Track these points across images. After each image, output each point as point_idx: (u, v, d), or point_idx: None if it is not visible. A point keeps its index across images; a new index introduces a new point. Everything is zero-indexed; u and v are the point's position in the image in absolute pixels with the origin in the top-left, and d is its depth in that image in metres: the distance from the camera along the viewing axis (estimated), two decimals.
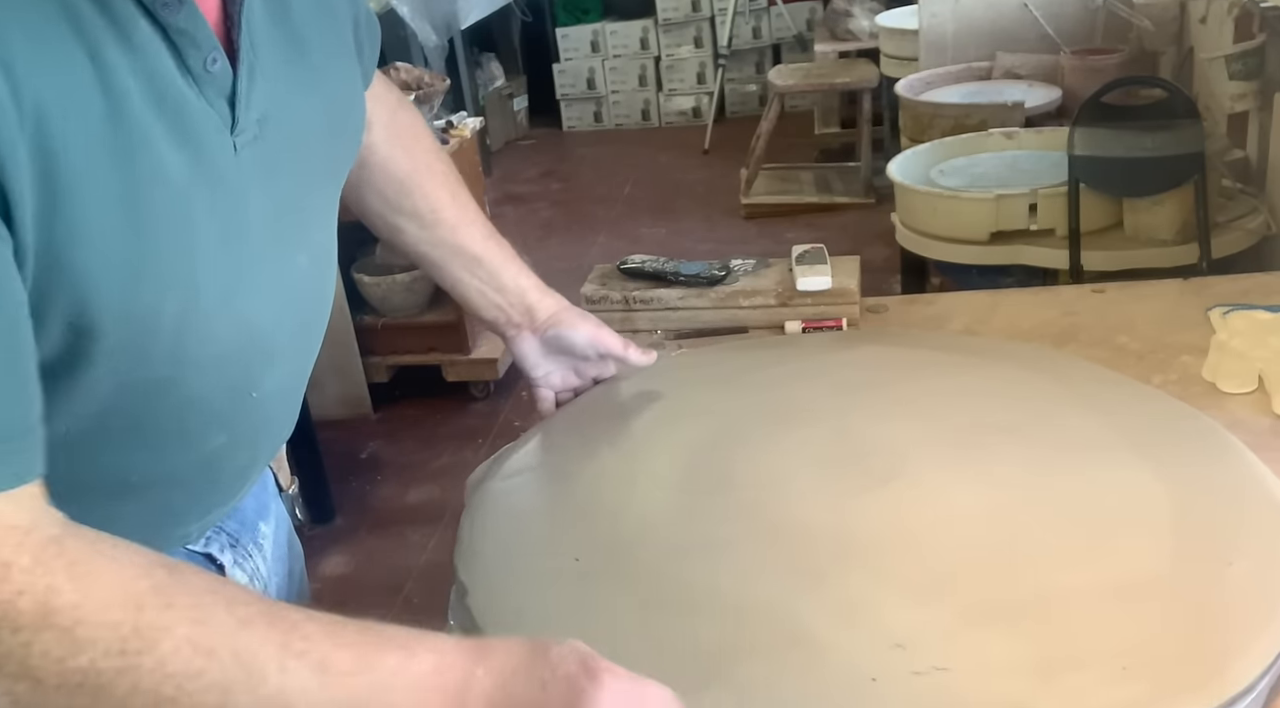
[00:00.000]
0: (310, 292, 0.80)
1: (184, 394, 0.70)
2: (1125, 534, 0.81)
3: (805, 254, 1.31)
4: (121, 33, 0.61)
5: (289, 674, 0.57)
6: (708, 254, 3.01)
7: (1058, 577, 0.76)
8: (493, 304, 1.03)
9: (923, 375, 1.06)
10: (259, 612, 0.58)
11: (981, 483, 0.88)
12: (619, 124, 5.74)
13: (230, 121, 0.68)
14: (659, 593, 0.78)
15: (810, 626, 0.73)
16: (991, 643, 0.71)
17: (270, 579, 0.91)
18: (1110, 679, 0.68)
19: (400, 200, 0.99)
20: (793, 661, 0.71)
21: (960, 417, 0.97)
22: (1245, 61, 2.42)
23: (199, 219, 0.65)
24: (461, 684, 0.60)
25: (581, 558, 0.82)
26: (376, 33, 0.92)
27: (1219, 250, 2.25)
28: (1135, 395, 1.00)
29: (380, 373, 3.11)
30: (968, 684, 0.68)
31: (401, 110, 1.01)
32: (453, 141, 2.98)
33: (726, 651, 0.72)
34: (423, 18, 3.94)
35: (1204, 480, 0.86)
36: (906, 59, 3.69)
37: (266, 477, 0.94)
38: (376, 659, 0.59)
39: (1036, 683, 0.68)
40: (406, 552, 2.51)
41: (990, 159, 2.64)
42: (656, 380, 1.08)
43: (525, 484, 0.97)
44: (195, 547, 0.83)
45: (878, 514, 0.84)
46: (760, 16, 5.48)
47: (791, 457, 0.92)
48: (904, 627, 0.72)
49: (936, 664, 0.69)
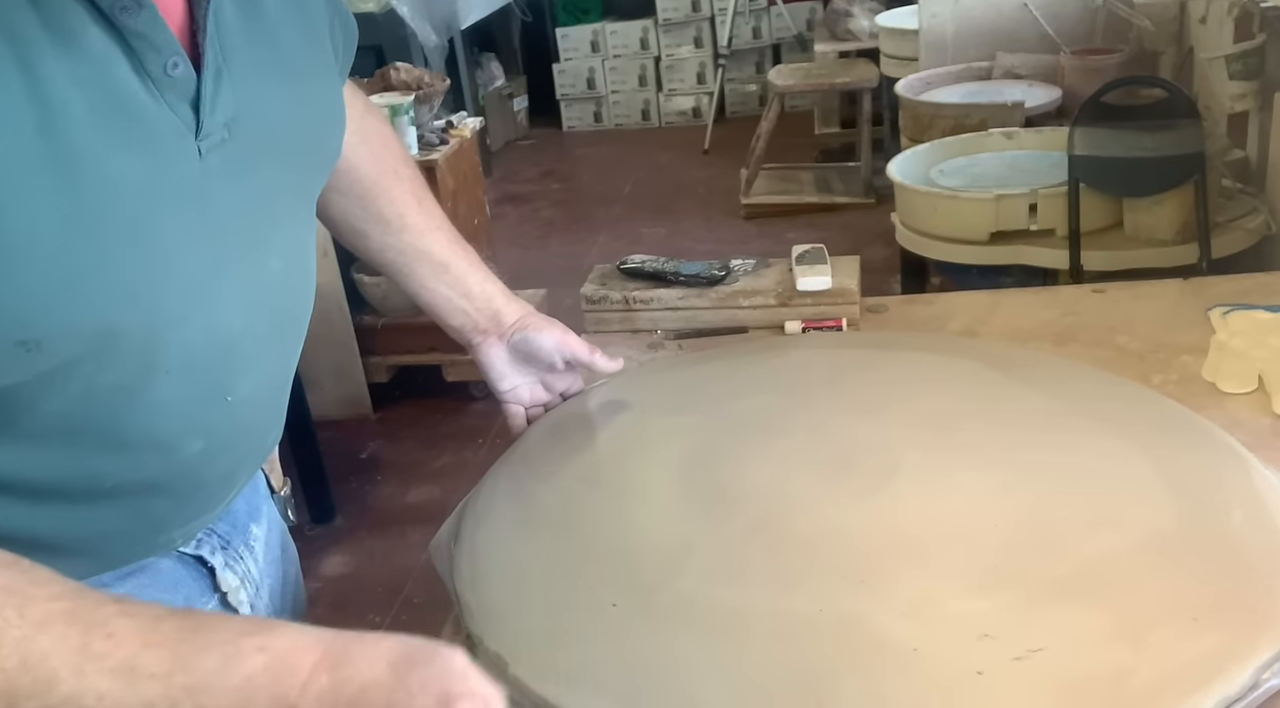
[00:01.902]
0: (285, 294, 0.79)
1: (153, 401, 0.69)
2: (1125, 499, 0.83)
3: (805, 254, 1.31)
4: (64, 40, 0.59)
5: (86, 678, 0.54)
6: (708, 254, 3.01)
7: (1086, 546, 0.78)
8: (459, 310, 1.02)
9: (869, 371, 1.07)
10: (61, 610, 0.56)
11: (977, 467, 0.88)
12: (619, 124, 5.74)
13: (194, 125, 0.66)
14: (714, 624, 0.74)
15: (886, 630, 0.72)
16: (1067, 617, 0.72)
17: (263, 581, 0.90)
18: (1188, 633, 0.69)
19: (365, 205, 0.98)
20: (888, 668, 0.69)
21: (925, 406, 0.98)
22: (1245, 61, 2.42)
23: (158, 226, 0.64)
24: (296, 689, 0.55)
25: (617, 602, 0.77)
26: (353, 35, 0.92)
27: (1219, 250, 2.25)
28: (1073, 374, 1.05)
29: (380, 373, 3.11)
30: (1068, 660, 0.68)
31: (369, 115, 1.00)
32: (453, 141, 2.98)
33: (818, 671, 0.69)
34: (423, 18, 3.94)
35: (1168, 443, 0.91)
36: (906, 59, 3.69)
37: (258, 479, 0.93)
38: (194, 660, 0.55)
39: (1128, 647, 0.69)
40: (406, 552, 2.51)
41: (990, 159, 2.64)
42: (623, 394, 1.06)
43: (516, 534, 0.89)
44: (186, 550, 0.82)
45: (893, 511, 0.84)
46: (760, 16, 5.48)
47: (780, 465, 0.90)
48: (977, 617, 0.72)
49: (1030, 647, 0.69)
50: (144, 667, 0.55)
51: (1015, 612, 0.72)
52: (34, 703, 0.54)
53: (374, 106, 1.04)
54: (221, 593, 0.84)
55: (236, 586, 0.85)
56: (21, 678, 0.54)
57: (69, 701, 0.54)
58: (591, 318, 1.32)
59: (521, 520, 0.90)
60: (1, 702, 0.53)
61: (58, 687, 0.54)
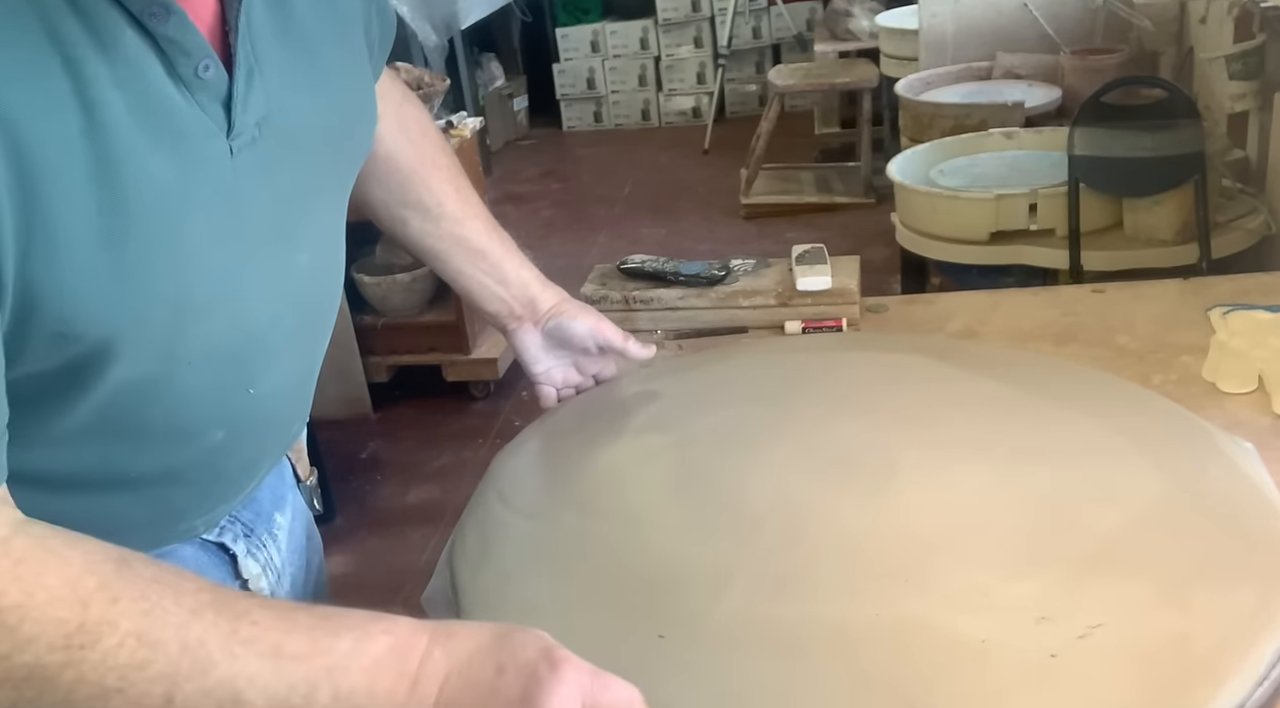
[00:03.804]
0: (312, 290, 0.80)
1: (178, 391, 0.70)
2: (1116, 476, 0.85)
3: (805, 254, 1.31)
4: (105, 44, 0.60)
5: (238, 661, 0.58)
6: (708, 254, 3.01)
7: (1101, 524, 0.79)
8: (495, 296, 1.04)
9: (838, 372, 1.07)
10: (209, 601, 0.59)
11: (969, 457, 0.89)
12: (619, 124, 5.74)
13: (226, 126, 0.67)
14: (777, 642, 0.72)
15: (949, 626, 0.71)
16: (1112, 591, 0.73)
17: (285, 570, 0.91)
18: (1227, 589, 0.72)
19: (405, 193, 1.00)
20: (966, 663, 0.69)
21: (899, 403, 0.99)
22: (1245, 61, 2.42)
23: (190, 224, 0.65)
24: (417, 665, 0.60)
25: (665, 634, 0.74)
26: (390, 27, 0.93)
27: (1219, 250, 2.25)
28: (1037, 364, 1.08)
29: (380, 373, 3.11)
30: (1130, 631, 0.69)
31: (407, 104, 1.01)
32: (453, 141, 2.98)
33: (900, 676, 0.68)
34: (423, 18, 3.94)
35: (1129, 415, 0.95)
36: (906, 59, 3.69)
37: (284, 468, 0.94)
38: (329, 643, 0.59)
39: (1180, 611, 0.70)
40: (406, 552, 2.51)
41: (990, 159, 2.63)
42: (654, 383, 1.07)
43: (523, 573, 0.83)
44: (209, 537, 0.83)
45: (907, 507, 0.84)
46: (760, 16, 5.48)
47: (780, 475, 0.89)
48: (1029, 601, 0.72)
49: (1089, 624, 0.69)
50: (287, 650, 0.59)
51: (1061, 591, 0.73)
52: (192, 685, 0.57)
53: (411, 94, 1.05)
54: (243, 580, 0.85)
55: (258, 573, 0.86)
56: (182, 661, 0.57)
57: (223, 683, 0.57)
58: None
59: (523, 558, 0.85)
60: (164, 683, 0.57)
61: (213, 669, 0.57)
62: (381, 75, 0.94)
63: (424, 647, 0.61)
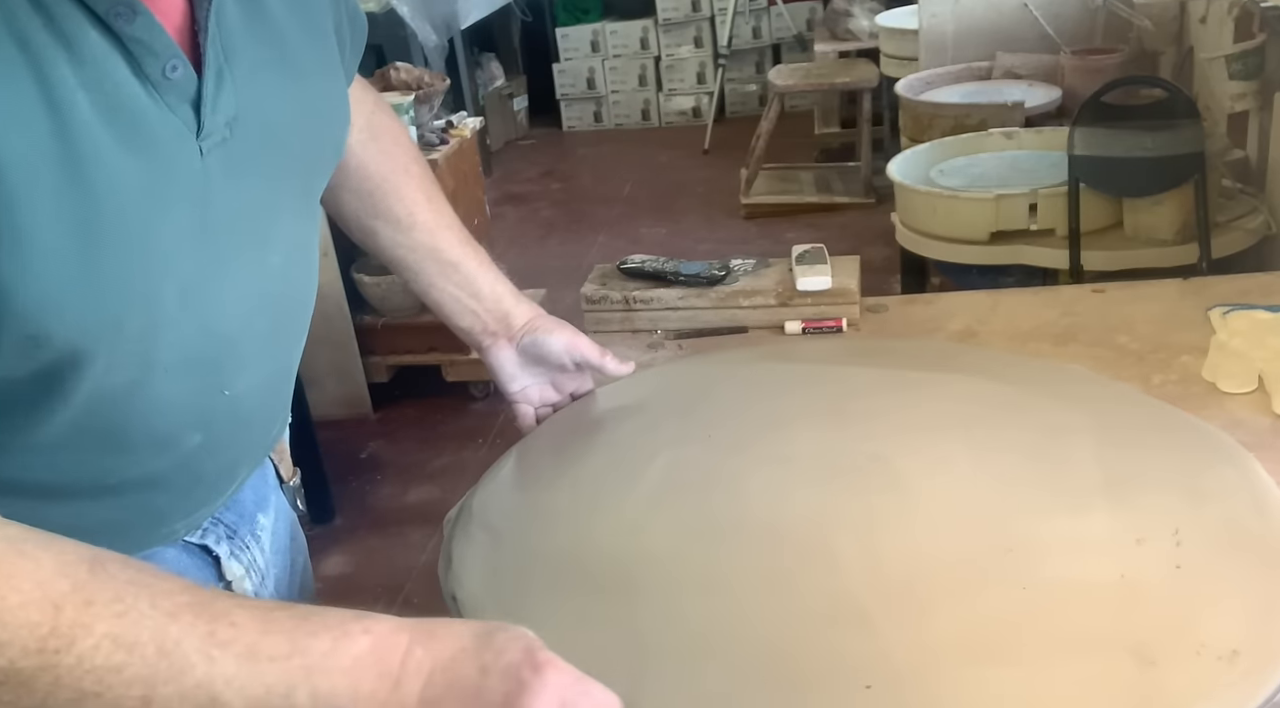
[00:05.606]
0: (285, 290, 0.79)
1: (153, 396, 0.70)
2: (1111, 463, 0.86)
3: (805, 254, 1.31)
4: (70, 45, 0.60)
5: (215, 663, 0.57)
6: (708, 254, 3.01)
7: (1110, 511, 0.81)
8: (468, 310, 1.02)
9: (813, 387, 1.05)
10: (186, 603, 0.59)
11: (967, 455, 0.89)
12: (619, 124, 5.74)
13: (196, 126, 0.67)
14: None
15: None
16: (1154, 564, 0.75)
17: (269, 571, 0.90)
18: (1249, 598, 0.72)
19: (375, 202, 0.98)
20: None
21: (877, 411, 0.98)
22: (1245, 61, 2.42)
23: (158, 226, 0.65)
24: (398, 664, 0.60)
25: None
26: (362, 32, 0.91)
27: (1219, 250, 2.25)
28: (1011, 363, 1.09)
29: (380, 373, 3.11)
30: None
31: (379, 112, 1.00)
32: (453, 141, 2.98)
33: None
34: (423, 18, 3.94)
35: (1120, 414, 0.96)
36: (906, 59, 3.69)
37: (267, 469, 0.94)
38: (308, 643, 0.59)
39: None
40: (406, 552, 2.51)
41: (990, 159, 2.64)
42: (632, 396, 1.05)
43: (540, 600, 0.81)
44: (191, 539, 0.82)
45: (922, 507, 0.83)
46: (760, 16, 5.48)
47: (782, 476, 0.89)
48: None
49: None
50: (265, 651, 0.58)
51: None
52: (170, 688, 0.57)
53: (384, 103, 1.03)
54: (226, 582, 0.85)
55: (241, 575, 0.86)
56: (159, 664, 0.57)
57: (201, 686, 0.57)
58: (591, 318, 1.32)
59: (532, 585, 0.82)
60: (141, 686, 0.57)
61: (190, 672, 0.57)
62: (354, 83, 0.93)
63: (405, 646, 0.60)
